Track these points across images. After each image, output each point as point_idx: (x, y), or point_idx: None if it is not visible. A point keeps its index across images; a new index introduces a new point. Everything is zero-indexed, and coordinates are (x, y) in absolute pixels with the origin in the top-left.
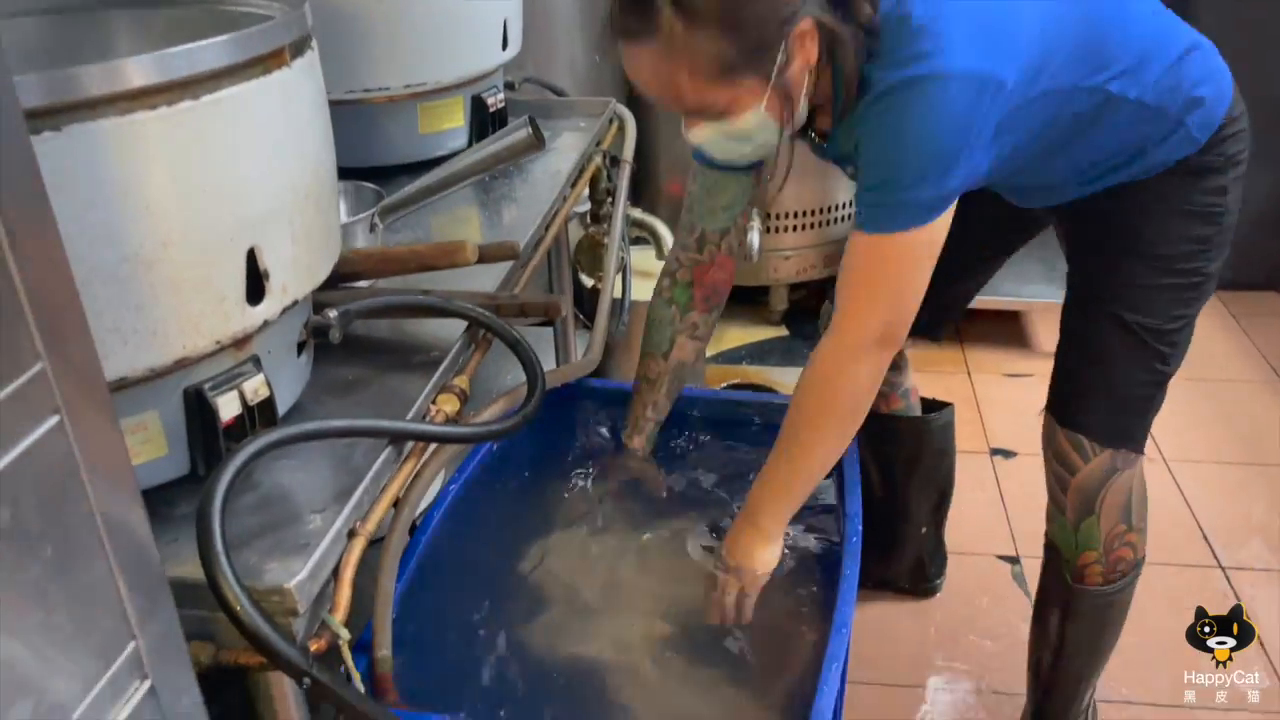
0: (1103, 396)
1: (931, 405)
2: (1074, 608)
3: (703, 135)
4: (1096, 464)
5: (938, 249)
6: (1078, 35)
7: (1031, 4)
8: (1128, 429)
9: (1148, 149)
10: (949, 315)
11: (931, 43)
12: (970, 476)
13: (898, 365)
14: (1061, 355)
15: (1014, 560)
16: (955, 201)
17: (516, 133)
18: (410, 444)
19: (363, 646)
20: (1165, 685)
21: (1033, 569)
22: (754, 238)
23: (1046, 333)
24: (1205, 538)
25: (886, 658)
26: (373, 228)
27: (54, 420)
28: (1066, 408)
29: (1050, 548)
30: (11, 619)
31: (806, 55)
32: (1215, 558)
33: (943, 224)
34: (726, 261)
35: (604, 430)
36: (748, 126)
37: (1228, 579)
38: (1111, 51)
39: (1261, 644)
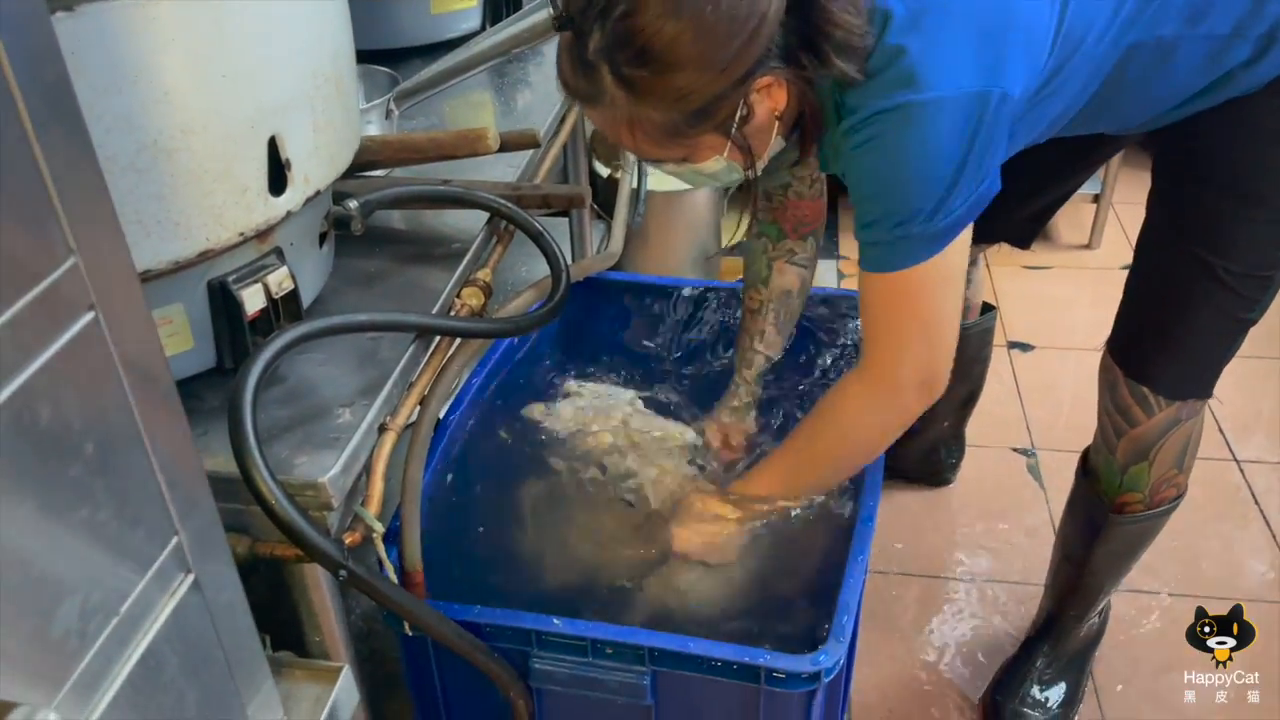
0: (1177, 347)
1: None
2: (1107, 534)
3: (671, 172)
4: (1160, 418)
5: (959, 276)
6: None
7: None
8: (1200, 380)
9: (1235, 74)
10: (1039, 224)
11: (917, 60)
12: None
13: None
14: (1132, 293)
15: (1029, 453)
16: (971, 224)
17: (537, 14)
18: (437, 339)
19: (391, 537)
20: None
21: (1048, 461)
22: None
23: (1066, 225)
24: (1220, 430)
25: (902, 547)
26: (389, 114)
27: (89, 316)
28: (1134, 356)
29: (1090, 472)
30: (57, 517)
31: (773, 103)
32: (1230, 451)
33: (958, 250)
34: (801, 203)
35: (623, 321)
36: (711, 170)
37: (1241, 472)
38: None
39: (1274, 537)
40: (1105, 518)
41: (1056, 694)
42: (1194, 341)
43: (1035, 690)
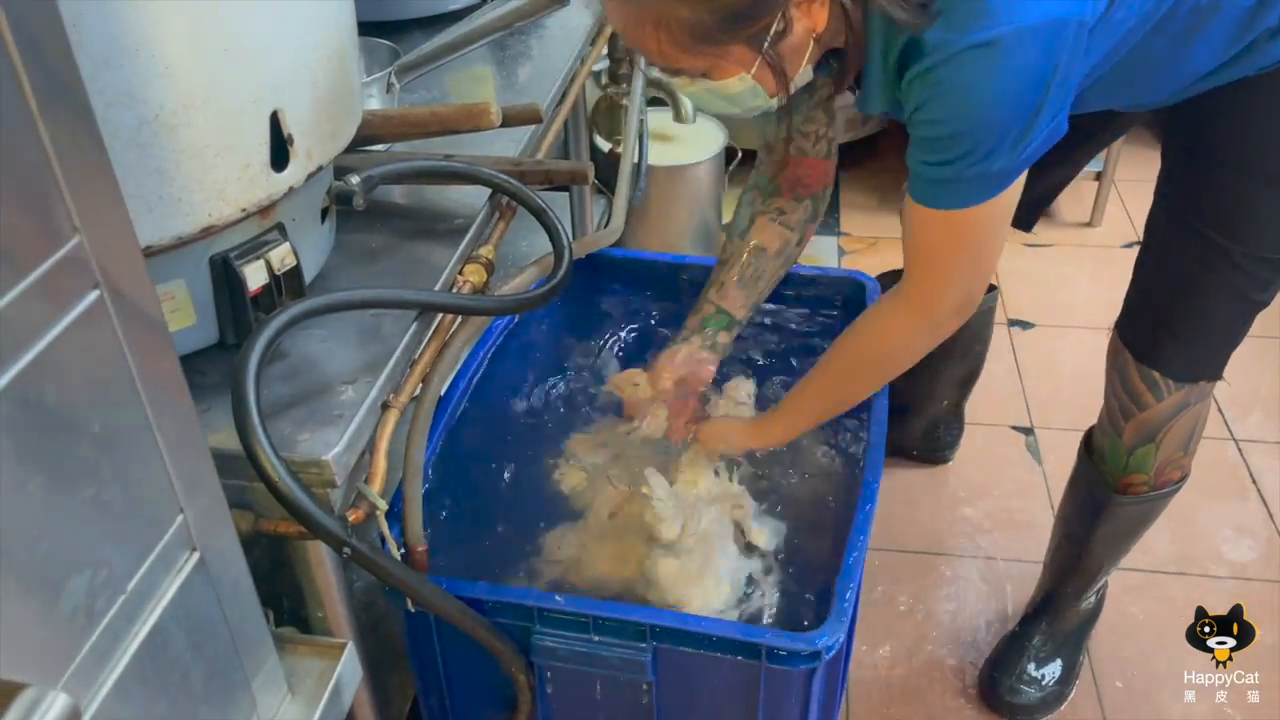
0: (1188, 331)
1: None
2: (1109, 514)
3: (687, 89)
4: (1170, 402)
5: (1013, 209)
6: None
7: None
8: (1212, 362)
9: (1257, 46)
10: (1042, 206)
11: None
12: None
13: None
14: (1142, 276)
15: (1028, 431)
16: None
17: None
18: (439, 316)
19: (393, 515)
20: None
21: (1047, 440)
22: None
23: (1068, 202)
24: (1219, 410)
25: (901, 525)
26: (389, 88)
27: (94, 295)
28: (1145, 340)
29: (1094, 452)
30: (64, 495)
31: (812, 21)
32: (1228, 429)
33: (1017, 188)
34: (803, 160)
35: (625, 299)
36: (733, 92)
37: (1239, 450)
38: None
39: (1270, 516)
40: (1108, 498)
41: (1053, 671)
42: (1206, 324)
43: (1031, 667)
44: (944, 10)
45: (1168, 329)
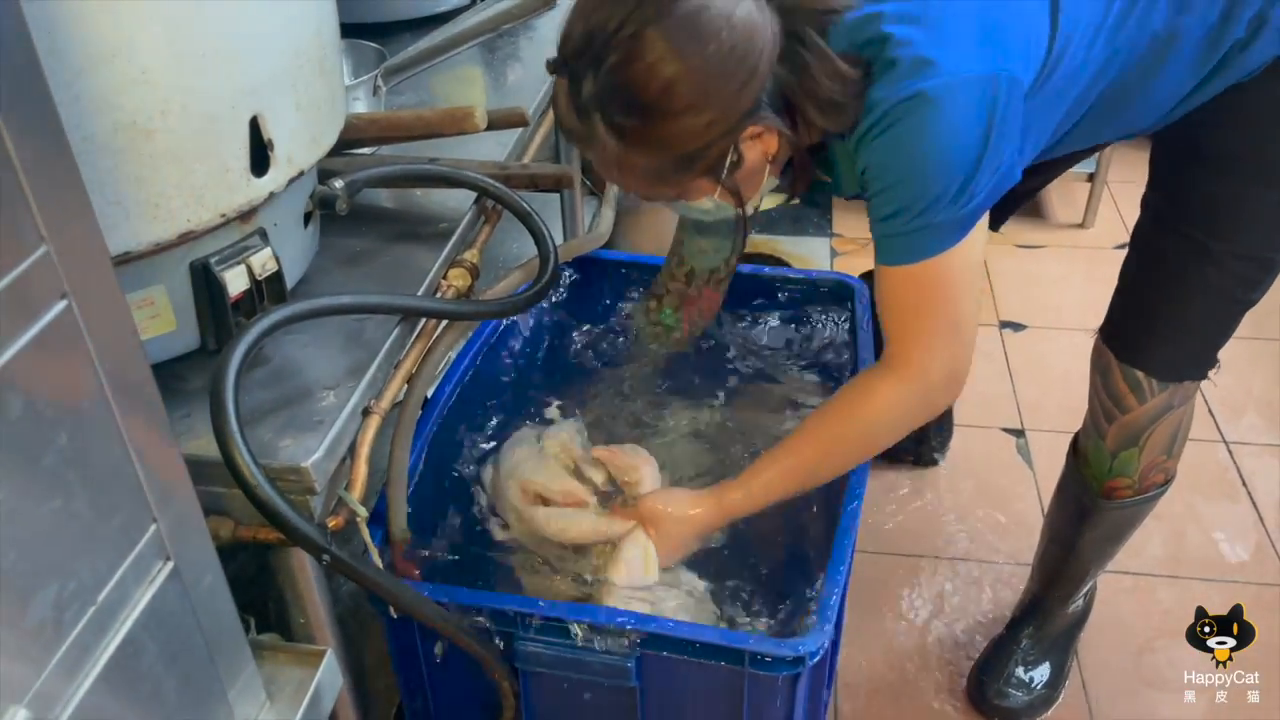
0: (1173, 331)
1: None
2: (1095, 518)
3: (661, 204)
4: (1153, 404)
5: (979, 265)
6: None
7: None
8: (1197, 362)
9: (1230, 60)
10: (1013, 208)
11: (925, 51)
12: (978, 349)
13: None
14: (1129, 278)
15: (1019, 434)
16: (986, 215)
17: None
18: (423, 320)
19: (377, 520)
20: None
21: (1038, 442)
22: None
23: (1060, 203)
24: (1210, 412)
25: (890, 527)
26: (375, 90)
27: (62, 304)
28: (1129, 341)
29: (1080, 455)
30: (31, 507)
31: (765, 147)
32: (1219, 432)
33: (975, 241)
34: (714, 295)
35: (614, 301)
36: (703, 208)
37: (1229, 452)
38: None
39: (1260, 518)
40: (1094, 502)
41: (1041, 674)
42: (1190, 323)
43: (1020, 671)
44: (879, 74)
45: (1151, 327)
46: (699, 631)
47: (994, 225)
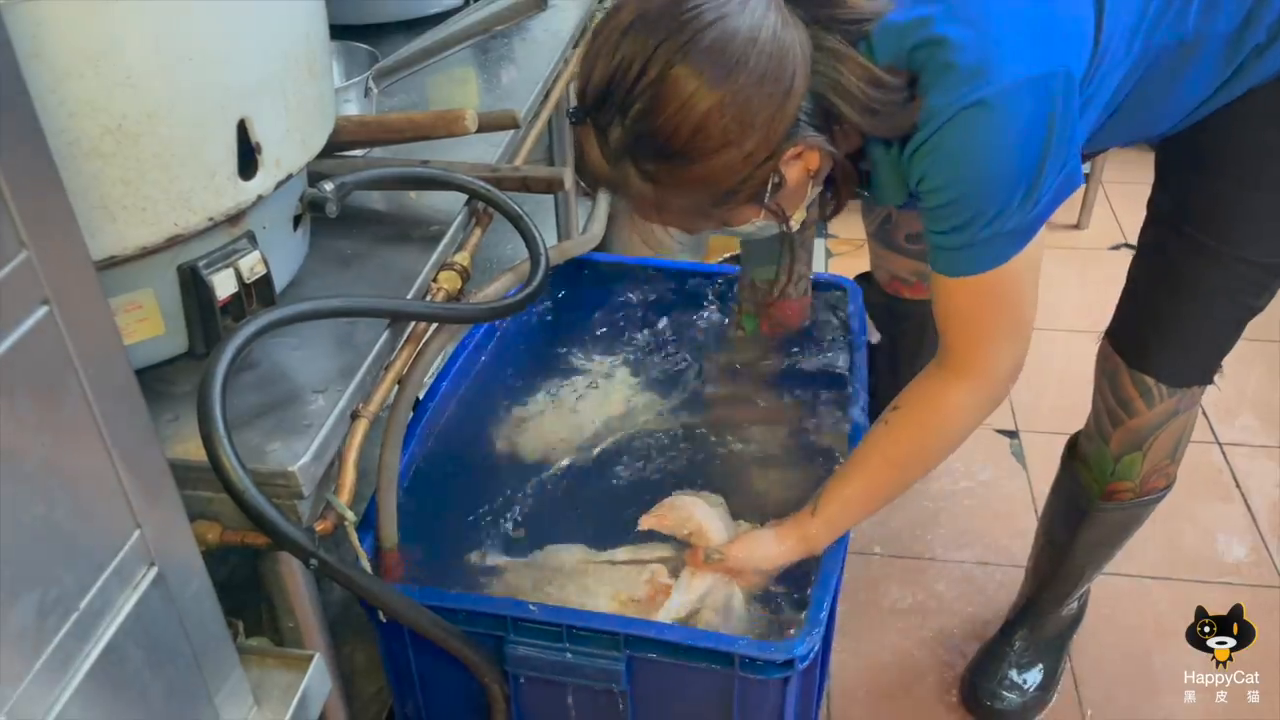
0: (1182, 335)
1: None
2: (1092, 520)
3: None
4: (1159, 410)
5: (1039, 263)
6: None
7: None
8: (1204, 367)
9: (1248, 65)
10: None
11: (979, 56)
12: None
13: None
14: (1137, 283)
15: (1013, 435)
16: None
17: None
18: (413, 323)
19: (367, 524)
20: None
21: (1031, 443)
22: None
23: None
24: (1205, 414)
25: (883, 529)
26: (367, 92)
27: (43, 311)
28: (1138, 346)
29: (1079, 458)
30: (10, 514)
31: (806, 164)
32: (1213, 433)
33: (1039, 243)
34: (792, 303)
35: (607, 304)
36: (748, 230)
37: (1224, 454)
38: None
39: (1254, 520)
40: (1092, 504)
41: (1034, 677)
42: (1199, 329)
43: (1013, 673)
44: (934, 80)
45: (1161, 333)
46: (688, 635)
47: None
